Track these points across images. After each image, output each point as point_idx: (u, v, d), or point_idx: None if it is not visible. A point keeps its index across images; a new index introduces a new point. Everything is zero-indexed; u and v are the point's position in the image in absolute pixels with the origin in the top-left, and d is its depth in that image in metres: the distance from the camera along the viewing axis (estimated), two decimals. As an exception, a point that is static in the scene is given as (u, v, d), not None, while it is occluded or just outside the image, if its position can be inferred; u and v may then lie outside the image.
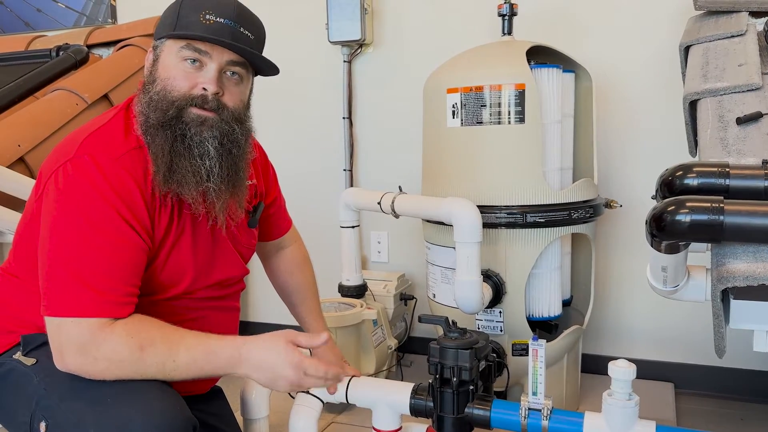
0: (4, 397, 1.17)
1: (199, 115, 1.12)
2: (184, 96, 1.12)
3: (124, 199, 1.07)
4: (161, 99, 1.11)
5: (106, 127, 1.13)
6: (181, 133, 1.11)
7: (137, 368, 1.05)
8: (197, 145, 1.12)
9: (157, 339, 1.06)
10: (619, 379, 1.23)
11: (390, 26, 2.51)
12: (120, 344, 1.04)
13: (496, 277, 1.80)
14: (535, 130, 1.76)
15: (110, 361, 1.04)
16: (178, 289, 1.19)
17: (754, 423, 1.96)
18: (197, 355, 1.08)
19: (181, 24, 1.12)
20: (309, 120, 2.65)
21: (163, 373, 1.06)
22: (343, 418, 1.99)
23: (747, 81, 1.38)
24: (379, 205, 1.92)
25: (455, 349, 1.33)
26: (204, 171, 1.13)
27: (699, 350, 2.22)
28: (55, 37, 2.82)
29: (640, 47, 2.19)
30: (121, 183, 1.07)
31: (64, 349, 1.04)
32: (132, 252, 1.08)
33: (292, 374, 1.12)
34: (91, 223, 1.04)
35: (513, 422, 1.29)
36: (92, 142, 1.09)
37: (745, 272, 0.89)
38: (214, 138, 1.13)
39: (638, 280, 2.27)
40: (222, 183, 1.15)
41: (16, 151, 1.92)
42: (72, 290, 1.03)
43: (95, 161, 1.06)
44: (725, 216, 0.90)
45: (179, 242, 1.17)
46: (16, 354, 1.17)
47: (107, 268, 1.04)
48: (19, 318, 1.20)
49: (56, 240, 1.05)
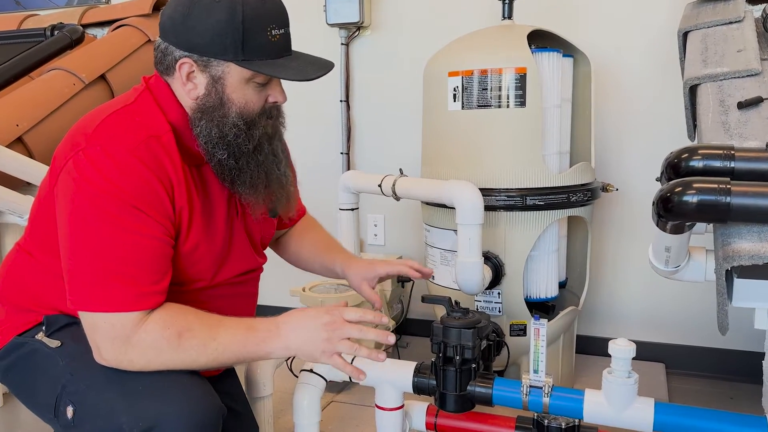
0: (27, 376, 1.17)
1: (267, 125, 1.17)
2: (261, 113, 1.15)
3: (142, 191, 1.04)
4: (245, 124, 1.13)
5: (119, 113, 1.09)
6: (264, 152, 1.17)
7: (179, 356, 1.04)
8: (272, 155, 1.19)
9: (194, 324, 1.06)
10: (619, 357, 1.25)
11: (388, 9, 2.51)
12: (157, 336, 1.03)
13: (496, 258, 1.83)
14: (536, 114, 1.79)
15: (150, 353, 1.03)
16: (204, 281, 1.19)
17: (743, 402, 2.02)
18: (237, 332, 1.07)
19: (251, 47, 1.08)
20: (306, 103, 2.65)
21: (206, 355, 1.05)
22: (343, 396, 2.02)
23: (746, 67, 1.41)
24: (380, 187, 1.94)
25: (458, 329, 1.36)
26: (284, 179, 1.22)
27: (690, 331, 2.27)
28: (48, 16, 2.80)
29: (638, 32, 2.22)
30: (137, 175, 1.04)
31: (101, 344, 1.04)
32: (155, 242, 1.06)
33: (328, 318, 1.08)
34: (111, 216, 1.02)
35: (514, 399, 1.32)
36: (107, 130, 1.06)
37: (750, 251, 0.92)
38: (278, 141, 1.21)
39: (632, 262, 2.31)
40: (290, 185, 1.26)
41: (15, 131, 1.91)
42: (100, 285, 1.02)
43: (109, 153, 1.03)
44: (732, 197, 0.92)
45: (205, 234, 1.16)
46: (38, 334, 1.17)
47: (133, 260, 1.03)
48: (39, 298, 1.20)
49: (78, 235, 1.03)
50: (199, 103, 1.12)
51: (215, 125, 1.11)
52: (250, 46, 1.08)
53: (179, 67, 1.11)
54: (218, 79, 1.10)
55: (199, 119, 1.12)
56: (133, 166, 1.03)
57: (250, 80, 1.11)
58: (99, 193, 1.01)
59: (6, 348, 1.21)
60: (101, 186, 1.01)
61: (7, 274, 1.26)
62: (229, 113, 1.11)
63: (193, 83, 1.12)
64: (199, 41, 1.08)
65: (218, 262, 1.21)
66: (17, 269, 1.24)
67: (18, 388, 1.21)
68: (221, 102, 1.11)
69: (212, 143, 1.12)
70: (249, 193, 1.16)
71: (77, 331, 1.11)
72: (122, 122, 1.08)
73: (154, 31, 2.51)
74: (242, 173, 1.14)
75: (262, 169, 1.16)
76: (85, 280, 1.02)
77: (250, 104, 1.13)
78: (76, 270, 1.03)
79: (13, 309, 1.24)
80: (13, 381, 1.22)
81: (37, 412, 1.20)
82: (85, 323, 1.05)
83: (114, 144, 1.04)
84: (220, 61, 1.09)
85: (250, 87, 1.12)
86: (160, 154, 1.08)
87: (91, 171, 1.02)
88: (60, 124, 2.07)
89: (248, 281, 1.33)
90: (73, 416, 1.06)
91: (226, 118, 1.11)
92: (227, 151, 1.12)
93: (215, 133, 1.11)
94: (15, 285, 1.24)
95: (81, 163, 1.03)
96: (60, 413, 1.08)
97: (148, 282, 1.04)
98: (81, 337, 1.08)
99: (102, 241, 1.01)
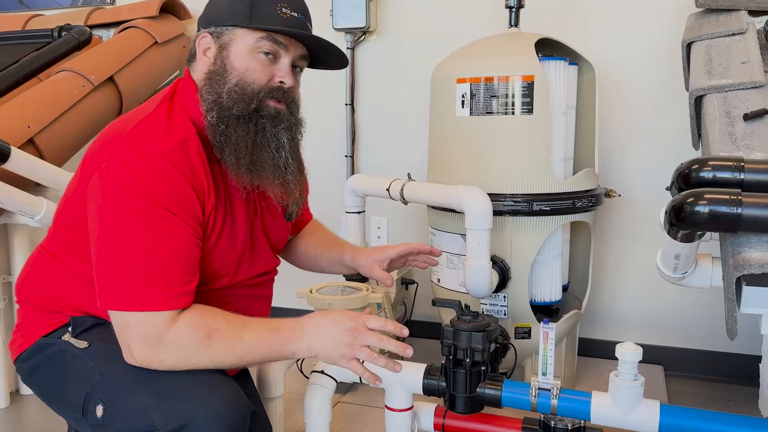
0: (54, 377, 1.18)
1: (275, 108, 1.15)
2: (263, 88, 1.14)
3: (174, 194, 1.06)
4: (242, 91, 1.12)
5: (151, 117, 1.11)
6: (261, 127, 1.14)
7: (208, 355, 1.06)
8: (274, 138, 1.15)
9: (222, 324, 1.08)
10: (626, 361, 1.29)
11: (394, 14, 2.54)
12: (187, 336, 1.05)
13: (502, 262, 1.86)
14: (543, 121, 1.82)
15: (180, 354, 1.05)
16: (225, 279, 1.21)
17: (740, 404, 2.06)
18: (263, 332, 1.09)
19: (259, 15, 1.12)
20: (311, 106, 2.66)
21: (234, 355, 1.07)
22: (349, 398, 2.05)
23: (751, 79, 1.44)
24: (388, 191, 1.96)
25: (469, 332, 1.39)
26: (282, 163, 1.16)
27: (688, 335, 2.32)
28: (53, 16, 2.80)
29: (641, 42, 2.26)
30: (171, 179, 1.06)
31: (132, 344, 1.05)
32: (186, 244, 1.08)
33: (351, 324, 1.10)
34: (144, 218, 1.03)
35: (523, 401, 1.36)
36: (139, 134, 1.08)
37: (760, 260, 0.96)
38: (285, 130, 1.17)
39: (632, 266, 2.35)
40: (297, 173, 1.20)
41: (26, 133, 1.92)
42: (132, 285, 1.03)
43: (143, 156, 1.05)
44: (743, 208, 0.96)
45: (228, 234, 1.18)
46: (65, 335, 1.18)
47: (165, 261, 1.05)
48: (64, 299, 1.21)
49: (111, 235, 1.04)
50: (207, 73, 1.16)
51: (215, 90, 1.14)
52: (258, 15, 1.13)
53: (199, 44, 1.18)
54: (225, 46, 1.15)
55: (203, 88, 1.16)
56: (166, 169, 1.06)
57: (255, 50, 1.14)
58: (132, 195, 1.03)
59: (31, 349, 1.22)
60: (135, 188, 1.03)
61: (30, 275, 1.27)
62: (229, 79, 1.13)
63: (207, 57, 1.17)
64: (215, 15, 1.17)
65: (239, 261, 1.23)
66: (41, 271, 1.25)
67: (43, 389, 1.23)
68: (224, 68, 1.14)
69: (209, 108, 1.14)
70: (233, 163, 1.13)
71: (104, 332, 1.13)
72: (155, 126, 1.10)
73: (161, 33, 2.53)
74: (229, 140, 1.12)
75: (249, 138, 1.13)
76: (117, 279, 1.04)
77: (250, 72, 1.13)
78: (108, 270, 1.05)
79: (36, 310, 1.25)
80: (39, 382, 1.23)
81: (63, 413, 1.21)
82: (116, 323, 1.07)
83: (148, 148, 1.06)
84: (229, 28, 1.15)
85: (254, 57, 1.14)
86: (192, 157, 1.11)
87: (125, 173, 1.04)
88: (70, 125, 2.09)
89: (264, 283, 1.35)
90: (103, 415, 1.07)
91: (225, 84, 1.13)
92: (219, 114, 1.13)
93: (212, 97, 1.14)
94: (38, 287, 1.25)
95: (115, 166, 1.05)
96: (89, 412, 1.10)
97: (178, 282, 1.06)
98: (109, 338, 1.10)
99: (134, 242, 1.03)
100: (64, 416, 1.22)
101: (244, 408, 1.07)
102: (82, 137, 2.14)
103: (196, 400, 1.02)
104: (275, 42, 1.14)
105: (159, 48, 2.50)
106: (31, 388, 1.26)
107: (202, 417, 1.01)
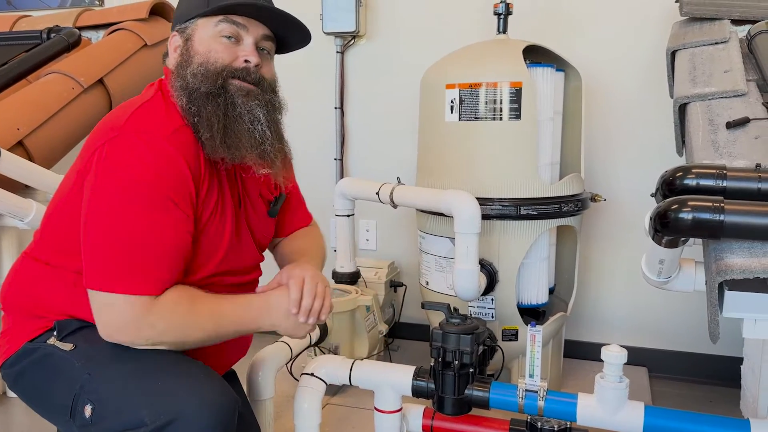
0: (41, 381, 1.18)
1: (243, 87, 1.16)
2: (227, 67, 1.15)
3: (174, 178, 1.08)
4: (206, 71, 1.14)
5: (149, 104, 1.14)
6: (231, 101, 1.15)
7: (195, 319, 1.11)
8: (247, 113, 1.16)
9: (200, 293, 1.13)
10: (611, 363, 1.32)
11: (383, 19, 2.56)
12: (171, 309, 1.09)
13: (490, 266, 1.89)
14: (530, 126, 1.85)
15: (168, 320, 1.09)
16: (211, 266, 1.21)
17: (722, 404, 2.09)
18: (237, 306, 1.17)
19: (216, 1, 1.15)
20: (300, 109, 2.68)
21: (213, 322, 1.13)
22: (338, 399, 2.06)
23: (733, 87, 1.48)
24: (377, 195, 1.98)
25: (457, 335, 1.41)
26: (258, 134, 1.17)
27: (672, 337, 2.36)
28: (42, 18, 2.78)
29: (627, 49, 2.30)
30: (172, 162, 1.08)
31: (114, 323, 1.07)
32: (178, 231, 1.09)
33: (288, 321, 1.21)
34: (143, 200, 1.05)
35: (511, 402, 1.38)
36: (140, 118, 1.10)
37: (741, 266, 0.98)
38: (260, 107, 1.18)
39: (617, 270, 2.39)
40: (276, 143, 1.20)
41: (16, 135, 1.91)
42: (122, 267, 1.05)
43: (144, 139, 1.07)
44: (725, 215, 0.98)
45: (216, 222, 1.19)
46: (50, 339, 1.18)
47: (156, 246, 1.06)
48: (49, 304, 1.21)
49: (106, 215, 1.05)
50: (175, 66, 1.19)
51: (181, 76, 1.16)
52: (215, 1, 1.16)
53: (170, 42, 1.22)
54: (189, 38, 1.18)
55: (173, 79, 1.18)
56: (165, 149, 1.08)
57: (216, 35, 1.16)
58: (133, 175, 1.05)
59: (17, 354, 1.21)
60: (136, 169, 1.05)
61: (15, 282, 1.26)
62: (193, 62, 1.16)
63: (177, 53, 1.20)
64: (179, 14, 1.22)
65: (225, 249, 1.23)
66: (25, 277, 1.24)
67: (30, 394, 1.22)
68: (189, 55, 1.17)
69: (179, 94, 1.16)
70: (208, 139, 1.13)
71: (90, 334, 1.13)
72: (153, 113, 1.13)
73: (151, 36, 2.52)
74: (201, 117, 1.13)
75: (219, 111, 1.14)
76: (108, 259, 1.05)
77: (213, 53, 1.15)
78: (100, 249, 1.06)
79: (21, 316, 1.24)
80: (25, 386, 1.22)
81: (50, 416, 1.21)
82: (98, 301, 1.08)
83: (150, 131, 1.09)
84: (192, 21, 1.19)
85: (217, 41, 1.16)
86: (189, 142, 1.13)
87: (125, 154, 1.06)
88: (59, 127, 2.08)
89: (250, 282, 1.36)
90: (91, 414, 1.07)
91: (189, 67, 1.16)
92: (188, 97, 1.14)
93: (180, 83, 1.16)
94: (23, 292, 1.24)
95: (115, 146, 1.06)
96: (77, 413, 1.09)
97: (166, 268, 1.08)
98: (94, 338, 1.10)
99: (131, 223, 1.05)
100: (52, 420, 1.21)
101: (232, 401, 1.08)
102: (71, 139, 2.13)
103: (184, 395, 1.04)
104: (234, 23, 1.16)
105: (148, 50, 2.49)
106: (18, 394, 1.25)
107: (191, 411, 1.02)
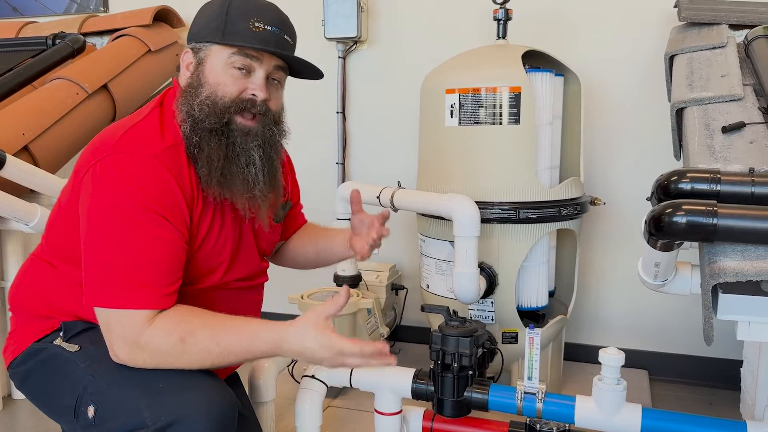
0: (46, 381, 1.20)
1: (244, 126, 1.18)
2: (234, 101, 1.16)
3: (164, 196, 1.10)
4: (213, 105, 1.15)
5: (143, 123, 1.16)
6: (232, 141, 1.17)
7: (183, 359, 1.08)
8: (244, 154, 1.18)
9: (197, 328, 1.08)
10: (609, 365, 1.33)
11: (385, 24, 2.58)
12: (161, 340, 1.07)
13: (489, 269, 1.90)
14: (529, 131, 1.86)
15: (158, 357, 1.07)
16: (213, 279, 1.23)
17: (722, 407, 2.10)
18: (242, 337, 1.10)
19: (231, 31, 1.16)
20: (303, 114, 2.71)
21: (211, 359, 1.08)
22: (339, 402, 2.08)
23: (730, 92, 1.49)
24: (378, 199, 2.00)
25: (456, 337, 1.43)
26: (251, 179, 1.19)
27: (672, 340, 2.37)
28: (47, 24, 2.82)
29: (626, 54, 2.31)
30: (161, 180, 1.10)
31: (114, 342, 1.08)
32: (172, 246, 1.11)
33: (329, 356, 1.08)
34: (132, 218, 1.06)
35: (509, 405, 1.39)
36: (131, 138, 1.11)
37: (734, 269, 1.00)
38: (258, 147, 1.20)
39: (617, 273, 2.40)
40: (266, 188, 1.22)
41: (21, 140, 1.94)
42: (116, 283, 1.06)
43: (134, 158, 1.09)
44: (718, 219, 1.00)
45: (217, 234, 1.21)
46: (56, 340, 1.20)
47: (150, 262, 1.07)
48: (56, 305, 1.24)
49: (99, 234, 1.07)
50: (185, 86, 1.20)
51: (188, 102, 1.18)
52: (230, 30, 1.16)
53: (183, 59, 1.23)
54: (202, 61, 1.19)
55: (179, 99, 1.20)
56: (156, 168, 1.10)
57: (228, 65, 1.17)
58: (123, 195, 1.07)
59: (24, 354, 1.24)
60: (125, 188, 1.07)
61: (23, 283, 1.29)
62: (201, 92, 1.17)
63: (188, 71, 1.21)
64: (195, 31, 1.22)
65: (227, 261, 1.25)
66: (33, 278, 1.27)
67: (36, 393, 1.25)
68: (199, 82, 1.18)
69: (183, 119, 1.17)
70: (204, 175, 1.15)
71: (95, 335, 1.15)
72: (147, 131, 1.15)
73: (155, 42, 2.55)
74: (201, 152, 1.15)
75: (221, 151, 1.16)
76: (100, 277, 1.07)
77: (221, 87, 1.16)
78: (93, 267, 1.08)
79: (29, 317, 1.27)
80: (32, 386, 1.25)
81: (55, 416, 1.23)
82: (101, 322, 1.10)
83: (139, 150, 1.10)
84: (206, 44, 1.19)
85: (228, 72, 1.17)
86: (182, 160, 1.15)
87: (115, 174, 1.08)
88: (64, 133, 2.11)
89: (254, 288, 1.38)
90: (94, 415, 1.10)
91: (197, 97, 1.17)
92: (192, 126, 1.16)
93: (186, 109, 1.17)
94: (31, 293, 1.27)
95: (106, 167, 1.09)
96: (80, 413, 1.12)
97: (162, 284, 1.09)
98: (99, 340, 1.12)
99: (123, 240, 1.07)
100: (57, 420, 1.24)
101: (232, 404, 1.10)
102: (76, 145, 2.16)
103: (185, 398, 1.06)
104: (247, 56, 1.17)
105: (152, 56, 2.52)
106: (24, 394, 1.28)
107: (192, 413, 1.04)
